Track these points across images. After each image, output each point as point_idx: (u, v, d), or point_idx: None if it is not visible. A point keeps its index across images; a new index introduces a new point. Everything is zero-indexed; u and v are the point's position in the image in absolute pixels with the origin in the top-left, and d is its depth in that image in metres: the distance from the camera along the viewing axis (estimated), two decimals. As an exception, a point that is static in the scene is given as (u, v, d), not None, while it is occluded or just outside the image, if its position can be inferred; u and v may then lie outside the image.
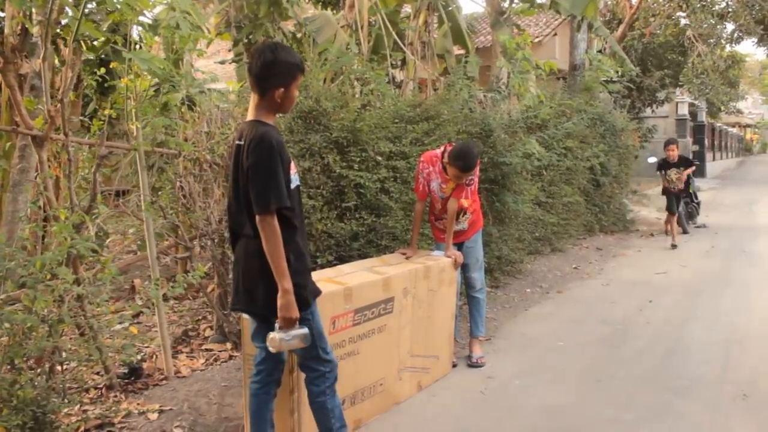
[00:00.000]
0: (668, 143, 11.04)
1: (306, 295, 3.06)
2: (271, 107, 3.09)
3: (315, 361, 3.19)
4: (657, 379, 4.82)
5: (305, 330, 3.03)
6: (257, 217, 2.93)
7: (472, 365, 5.13)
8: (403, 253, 4.93)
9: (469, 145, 5.01)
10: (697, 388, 4.64)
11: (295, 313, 2.96)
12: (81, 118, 6.99)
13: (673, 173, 10.78)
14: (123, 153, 6.09)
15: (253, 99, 3.10)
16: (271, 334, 2.96)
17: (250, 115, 3.10)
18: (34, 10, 4.39)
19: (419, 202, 5.09)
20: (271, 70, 3.00)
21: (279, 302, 2.93)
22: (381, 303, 4.16)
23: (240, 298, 3.15)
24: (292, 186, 3.06)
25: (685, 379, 4.81)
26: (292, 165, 3.13)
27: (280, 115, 3.26)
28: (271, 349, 3.00)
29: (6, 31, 4.97)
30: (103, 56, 7.49)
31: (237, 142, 3.07)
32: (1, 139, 6.97)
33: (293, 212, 3.05)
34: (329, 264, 5.09)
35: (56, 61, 6.27)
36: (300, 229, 3.13)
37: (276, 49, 3.08)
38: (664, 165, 10.93)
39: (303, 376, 3.29)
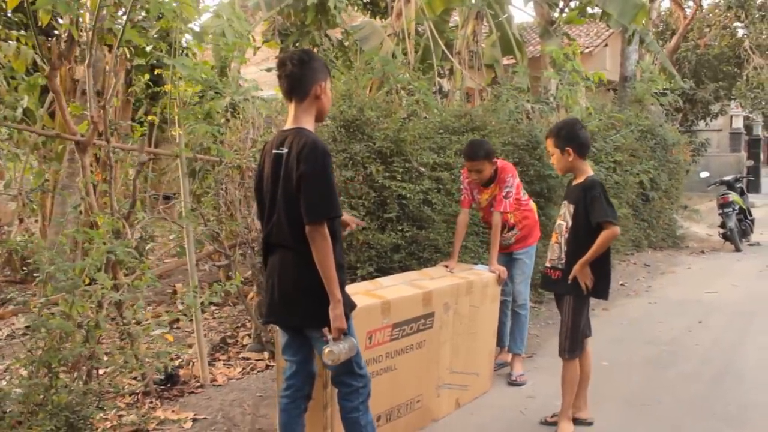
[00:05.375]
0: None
1: (343, 309, 2.99)
2: (312, 110, 3.07)
3: (349, 376, 3.11)
4: (706, 406, 4.62)
5: (354, 340, 2.97)
6: (308, 227, 2.86)
7: (512, 383, 5.00)
8: (446, 266, 4.84)
9: (478, 138, 5.56)
10: (749, 417, 4.43)
11: (345, 324, 2.91)
12: (131, 122, 7.08)
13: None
14: (172, 157, 6.15)
15: (291, 108, 3.06)
16: (328, 348, 2.88)
17: (290, 124, 3.06)
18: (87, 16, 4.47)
19: (463, 211, 5.03)
20: (310, 66, 3.02)
21: (332, 313, 2.87)
22: (420, 318, 4.06)
23: (274, 310, 3.10)
24: None
25: (736, 407, 4.59)
26: None
27: (318, 123, 3.21)
28: (329, 362, 2.92)
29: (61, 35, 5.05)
30: (155, 62, 7.59)
31: (276, 150, 3.01)
32: (54, 142, 7.12)
33: (334, 223, 2.99)
34: (370, 275, 5.03)
35: (107, 67, 6.37)
36: (339, 241, 3.06)
37: (306, 51, 3.17)
38: None
39: (336, 391, 3.22)
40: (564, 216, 4.14)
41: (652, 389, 4.94)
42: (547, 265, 4.24)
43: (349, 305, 3.08)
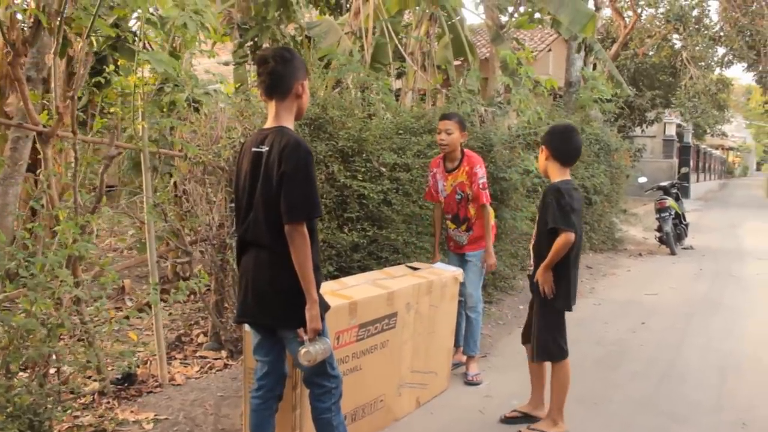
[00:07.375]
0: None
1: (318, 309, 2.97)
2: (293, 108, 3.06)
3: (322, 377, 3.10)
4: (654, 404, 4.79)
5: (329, 340, 2.97)
6: (287, 227, 2.84)
7: (469, 383, 5.06)
8: (432, 263, 5.04)
9: None
10: (694, 415, 4.61)
11: (320, 325, 2.91)
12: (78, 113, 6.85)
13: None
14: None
15: (272, 106, 3.03)
16: (304, 348, 2.87)
17: (270, 122, 3.03)
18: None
19: (436, 206, 5.24)
20: (292, 64, 3.01)
21: (308, 313, 2.86)
22: (385, 318, 4.08)
23: (247, 309, 3.06)
24: None
25: (682, 405, 4.77)
26: None
27: (295, 122, 3.19)
28: (305, 363, 2.90)
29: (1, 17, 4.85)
30: (99, 51, 7.36)
31: (255, 149, 2.98)
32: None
33: (312, 223, 2.98)
34: (330, 274, 5.02)
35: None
36: (315, 241, 3.05)
37: (287, 48, 3.20)
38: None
39: (306, 392, 3.21)
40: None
41: (604, 388, 5.08)
42: None
43: (324, 306, 3.07)
